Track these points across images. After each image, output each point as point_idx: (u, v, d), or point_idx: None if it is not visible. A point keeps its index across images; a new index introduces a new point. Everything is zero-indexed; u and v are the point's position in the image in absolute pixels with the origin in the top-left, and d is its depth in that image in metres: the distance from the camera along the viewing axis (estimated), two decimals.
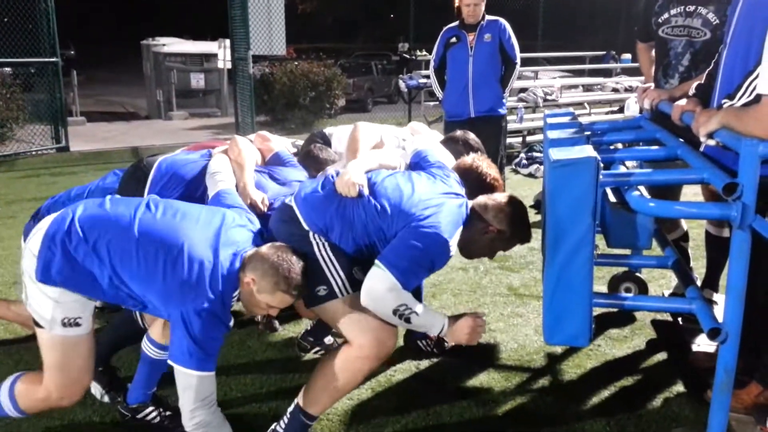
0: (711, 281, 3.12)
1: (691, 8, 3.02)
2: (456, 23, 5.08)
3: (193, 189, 2.47)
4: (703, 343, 2.80)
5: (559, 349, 3.02)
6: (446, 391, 2.69)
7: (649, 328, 3.27)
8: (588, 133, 2.55)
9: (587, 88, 10.68)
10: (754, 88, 1.93)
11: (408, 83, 10.11)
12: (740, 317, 1.91)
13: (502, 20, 5.03)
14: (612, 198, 2.67)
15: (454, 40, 5.04)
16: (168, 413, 2.41)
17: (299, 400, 2.19)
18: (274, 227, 2.21)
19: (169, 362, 1.92)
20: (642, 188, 2.29)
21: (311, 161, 2.85)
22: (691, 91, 2.63)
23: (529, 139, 8.42)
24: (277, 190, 2.53)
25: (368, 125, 2.90)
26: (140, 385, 2.40)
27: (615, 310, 3.23)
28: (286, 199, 2.29)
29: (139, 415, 2.41)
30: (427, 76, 7.12)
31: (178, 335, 1.87)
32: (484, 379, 2.79)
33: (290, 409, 2.20)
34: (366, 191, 2.18)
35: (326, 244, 2.13)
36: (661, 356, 3.01)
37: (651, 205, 2.07)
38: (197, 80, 11.84)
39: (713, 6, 2.97)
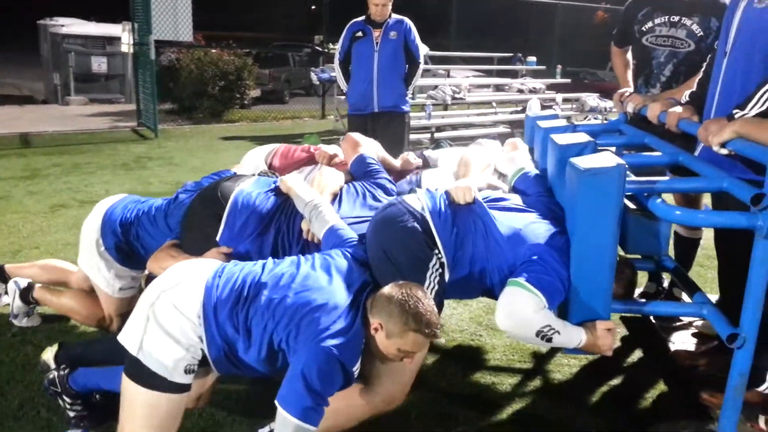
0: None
1: (675, 18, 3.01)
2: (363, 18, 5.07)
3: (266, 224, 2.43)
4: (678, 341, 2.86)
5: (544, 349, 3.02)
6: (436, 391, 2.67)
7: (620, 325, 3.28)
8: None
9: (497, 87, 10.95)
10: None
11: (320, 76, 10.08)
12: (757, 323, 1.93)
13: (408, 20, 5.07)
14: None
15: (360, 34, 5.03)
16: (85, 413, 2.31)
17: None
18: None
19: (276, 402, 1.77)
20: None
21: None
22: (684, 99, 2.62)
23: (437, 135, 8.58)
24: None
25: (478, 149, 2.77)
26: (97, 384, 2.28)
27: None
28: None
29: (68, 399, 2.28)
30: None
31: (291, 376, 1.76)
32: (473, 378, 2.78)
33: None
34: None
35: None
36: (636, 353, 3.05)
37: (677, 213, 2.07)
38: (99, 64, 11.22)
39: (698, 17, 2.96)
